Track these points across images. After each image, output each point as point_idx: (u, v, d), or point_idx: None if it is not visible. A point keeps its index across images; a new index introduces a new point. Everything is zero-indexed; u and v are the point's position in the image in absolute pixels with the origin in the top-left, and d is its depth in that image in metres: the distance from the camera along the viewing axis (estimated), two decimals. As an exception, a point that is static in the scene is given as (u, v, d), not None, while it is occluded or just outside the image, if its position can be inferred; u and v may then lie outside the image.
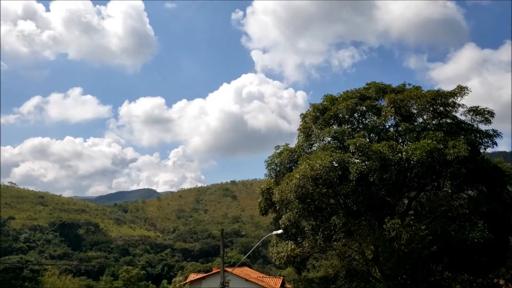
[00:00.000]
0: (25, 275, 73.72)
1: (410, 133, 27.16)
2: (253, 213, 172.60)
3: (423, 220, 24.90)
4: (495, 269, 27.22)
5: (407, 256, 24.77)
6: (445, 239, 24.38)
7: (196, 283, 48.91)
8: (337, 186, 25.77)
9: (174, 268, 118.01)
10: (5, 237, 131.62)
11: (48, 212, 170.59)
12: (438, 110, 28.39)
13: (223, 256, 26.22)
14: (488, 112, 28.01)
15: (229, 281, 42.15)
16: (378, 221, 25.26)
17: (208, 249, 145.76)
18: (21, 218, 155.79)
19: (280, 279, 51.23)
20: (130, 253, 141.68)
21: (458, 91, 28.01)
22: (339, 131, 28.42)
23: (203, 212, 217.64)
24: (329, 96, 31.67)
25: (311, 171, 24.64)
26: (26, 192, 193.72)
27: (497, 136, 27.90)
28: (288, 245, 28.47)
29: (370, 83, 31.43)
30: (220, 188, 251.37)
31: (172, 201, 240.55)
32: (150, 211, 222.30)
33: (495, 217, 24.88)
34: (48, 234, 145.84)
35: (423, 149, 24.09)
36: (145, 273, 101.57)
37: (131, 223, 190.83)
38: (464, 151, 24.00)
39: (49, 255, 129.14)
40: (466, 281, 27.37)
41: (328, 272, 32.54)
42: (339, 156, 25.50)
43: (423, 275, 26.27)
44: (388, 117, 28.56)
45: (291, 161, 29.50)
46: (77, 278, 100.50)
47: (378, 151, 24.91)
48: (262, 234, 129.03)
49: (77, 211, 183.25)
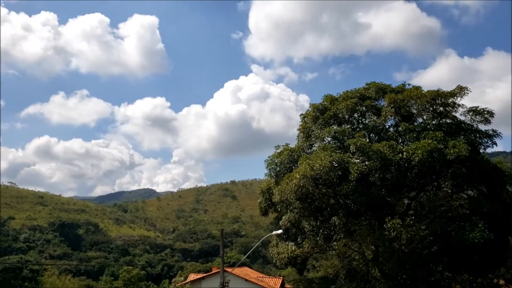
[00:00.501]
0: (24, 275, 73.70)
1: (410, 133, 27.16)
2: (253, 213, 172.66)
3: (423, 220, 24.87)
4: (495, 269, 27.21)
5: (407, 256, 24.74)
6: (445, 239, 24.35)
7: (196, 283, 48.89)
8: (337, 186, 25.76)
9: (174, 268, 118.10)
10: (5, 237, 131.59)
11: (48, 212, 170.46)
12: (438, 110, 28.38)
13: (223, 256, 26.20)
14: (488, 112, 28.01)
15: (229, 281, 42.12)
16: (378, 221, 25.25)
17: (208, 249, 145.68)
18: (21, 218, 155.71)
19: (280, 279, 51.21)
20: (130, 253, 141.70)
21: (458, 91, 28.00)
22: (339, 131, 28.41)
23: (203, 212, 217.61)
24: (329, 96, 31.66)
25: (311, 171, 24.62)
26: (26, 192, 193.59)
27: (497, 136, 27.92)
28: (288, 246, 28.47)
29: (370, 83, 31.43)
30: (220, 188, 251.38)
31: (172, 201, 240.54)
32: (150, 211, 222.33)
33: (495, 217, 24.88)
34: (48, 234, 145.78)
35: (423, 149, 24.08)
36: (145, 273, 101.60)
37: (131, 223, 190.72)
38: (464, 151, 24.00)
39: (49, 255, 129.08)
40: (466, 281, 27.36)
41: (328, 272, 32.59)
42: (339, 156, 25.47)
43: (423, 275, 26.26)
44: (388, 117, 28.55)
45: (291, 161, 29.46)
46: (77, 278, 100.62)
47: (378, 151, 24.90)
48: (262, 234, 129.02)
49: (77, 211, 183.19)
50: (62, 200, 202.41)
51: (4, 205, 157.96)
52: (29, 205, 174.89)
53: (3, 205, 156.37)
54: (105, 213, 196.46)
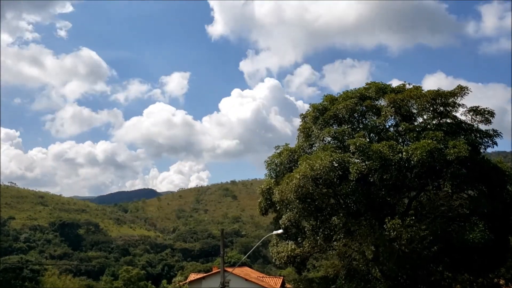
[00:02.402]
0: (25, 275, 73.71)
1: (410, 133, 27.14)
2: (253, 213, 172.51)
3: (423, 220, 24.87)
4: (495, 269, 27.23)
5: (407, 256, 24.74)
6: (445, 239, 24.34)
7: (196, 283, 48.94)
8: (337, 186, 25.77)
9: (174, 268, 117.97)
10: (5, 237, 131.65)
11: (48, 212, 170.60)
12: (438, 110, 28.34)
13: (223, 256, 26.20)
14: (488, 112, 28.00)
15: (229, 281, 42.13)
16: (379, 221, 25.25)
17: (208, 249, 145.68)
18: (21, 218, 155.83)
19: (280, 279, 51.25)
20: (130, 253, 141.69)
21: (458, 91, 27.98)
22: (339, 131, 28.39)
23: (203, 212, 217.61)
24: (329, 96, 31.64)
25: (311, 171, 24.62)
26: (26, 192, 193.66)
27: (497, 136, 27.90)
28: (288, 245, 28.48)
29: (370, 83, 31.43)
30: (220, 188, 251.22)
31: (172, 201, 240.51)
32: (150, 211, 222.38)
33: (495, 217, 24.87)
34: (48, 234, 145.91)
35: (424, 149, 24.06)
36: (145, 273, 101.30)
37: (131, 223, 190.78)
38: (465, 151, 23.98)
39: (49, 255, 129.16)
40: (466, 281, 27.39)
41: (328, 272, 32.60)
42: (339, 156, 25.47)
43: (423, 275, 26.29)
44: (388, 117, 28.53)
45: (291, 161, 29.46)
46: (77, 278, 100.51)
47: (378, 151, 24.89)
48: (262, 234, 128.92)
49: (77, 211, 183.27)
50: (63, 200, 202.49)
51: (5, 205, 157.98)
52: (29, 205, 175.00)
53: (4, 205, 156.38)
54: (105, 213, 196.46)
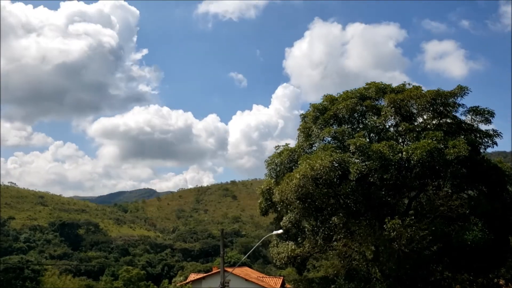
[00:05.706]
0: (25, 275, 73.83)
1: (410, 133, 27.16)
2: (253, 213, 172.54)
3: (423, 220, 24.89)
4: (495, 269, 27.22)
5: (407, 256, 24.74)
6: (445, 239, 24.37)
7: (196, 283, 48.93)
8: (337, 186, 25.78)
9: (174, 268, 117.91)
10: (5, 237, 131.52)
11: (48, 212, 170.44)
12: (438, 110, 28.33)
13: (223, 256, 26.20)
14: (488, 112, 28.03)
15: (229, 281, 42.15)
16: (379, 221, 25.27)
17: (208, 249, 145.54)
18: (21, 218, 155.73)
19: (280, 279, 51.24)
20: (130, 253, 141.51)
21: (458, 91, 28.01)
22: (339, 131, 28.40)
23: (203, 212, 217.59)
24: (329, 96, 31.64)
25: (311, 171, 24.62)
26: (26, 192, 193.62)
27: (497, 136, 27.93)
28: (288, 246, 28.48)
29: (370, 83, 31.41)
30: (220, 188, 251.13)
31: (172, 201, 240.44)
32: (150, 211, 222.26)
33: (495, 217, 24.88)
34: (48, 234, 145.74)
35: (423, 149, 24.08)
36: (145, 273, 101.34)
37: (131, 223, 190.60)
38: (464, 151, 24.00)
39: (49, 255, 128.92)
40: (466, 281, 27.37)
41: (328, 272, 32.61)
42: (339, 156, 25.48)
43: (423, 275, 26.29)
44: (388, 117, 28.53)
45: (291, 161, 29.45)
46: (77, 278, 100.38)
47: (378, 151, 24.91)
48: (262, 234, 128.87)
49: (77, 211, 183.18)
50: (62, 200, 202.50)
51: (5, 205, 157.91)
52: (29, 205, 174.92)
53: (4, 205, 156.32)
54: (105, 213, 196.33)
